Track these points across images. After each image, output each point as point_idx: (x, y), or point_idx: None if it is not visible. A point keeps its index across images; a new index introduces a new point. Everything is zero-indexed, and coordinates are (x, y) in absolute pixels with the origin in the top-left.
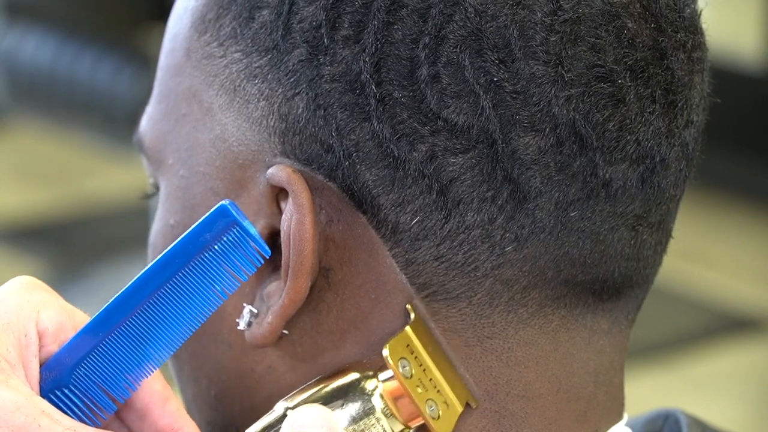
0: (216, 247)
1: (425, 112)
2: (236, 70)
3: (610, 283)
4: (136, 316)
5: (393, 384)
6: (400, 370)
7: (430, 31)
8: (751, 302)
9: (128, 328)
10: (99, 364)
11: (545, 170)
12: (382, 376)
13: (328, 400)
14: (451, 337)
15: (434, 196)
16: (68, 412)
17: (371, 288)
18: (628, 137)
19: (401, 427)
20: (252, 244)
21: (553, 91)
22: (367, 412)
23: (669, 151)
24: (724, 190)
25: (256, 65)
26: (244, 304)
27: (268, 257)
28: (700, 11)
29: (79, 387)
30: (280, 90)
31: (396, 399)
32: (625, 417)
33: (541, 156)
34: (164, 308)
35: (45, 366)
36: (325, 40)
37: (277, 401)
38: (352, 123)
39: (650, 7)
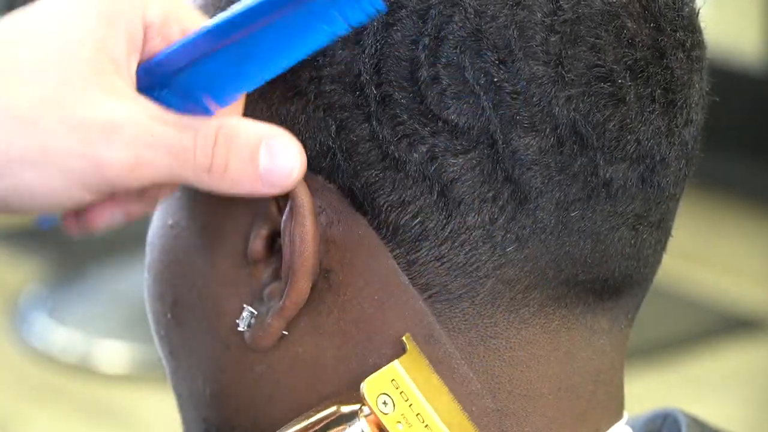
0: None
1: (425, 113)
2: None
3: (610, 283)
4: (247, 34)
5: (376, 419)
6: (379, 407)
7: (429, 32)
8: (751, 302)
9: (239, 42)
10: (207, 70)
11: (546, 170)
12: (365, 410)
13: None
14: (456, 337)
15: (435, 197)
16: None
17: (374, 290)
18: (629, 137)
19: None
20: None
21: (553, 91)
22: None
23: (669, 150)
24: (724, 190)
25: None
26: (244, 306)
27: (382, 10)
28: (698, 10)
29: (181, 90)
30: (277, 91)
31: None
32: (625, 416)
33: (542, 156)
34: (272, 28)
35: (146, 63)
36: None
37: (276, 400)
38: (352, 124)
39: (649, 7)
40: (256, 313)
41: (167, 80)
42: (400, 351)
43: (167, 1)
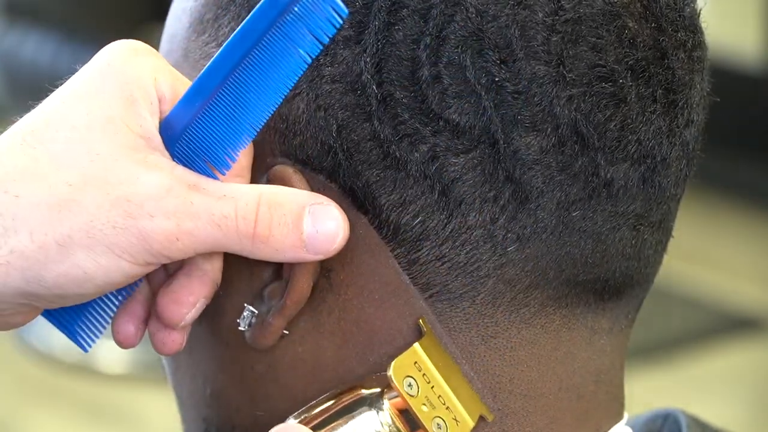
0: (295, 9)
1: (427, 112)
2: None
3: (611, 283)
4: (228, 84)
5: (399, 402)
6: (405, 389)
7: (431, 32)
8: (751, 302)
9: (222, 96)
10: (200, 136)
11: (547, 170)
12: (390, 394)
13: (334, 417)
14: (456, 337)
15: (436, 196)
16: None
17: (374, 289)
18: (630, 137)
19: None
20: (329, 6)
21: (554, 91)
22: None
23: (670, 151)
24: (724, 190)
25: None
26: (245, 305)
27: (345, 16)
28: (700, 10)
29: (183, 160)
30: None
31: (403, 418)
32: (626, 416)
33: (543, 156)
34: (254, 74)
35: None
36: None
37: (276, 399)
38: (353, 123)
39: (651, 7)
40: (256, 312)
41: (172, 151)
42: (401, 349)
43: (172, 75)
